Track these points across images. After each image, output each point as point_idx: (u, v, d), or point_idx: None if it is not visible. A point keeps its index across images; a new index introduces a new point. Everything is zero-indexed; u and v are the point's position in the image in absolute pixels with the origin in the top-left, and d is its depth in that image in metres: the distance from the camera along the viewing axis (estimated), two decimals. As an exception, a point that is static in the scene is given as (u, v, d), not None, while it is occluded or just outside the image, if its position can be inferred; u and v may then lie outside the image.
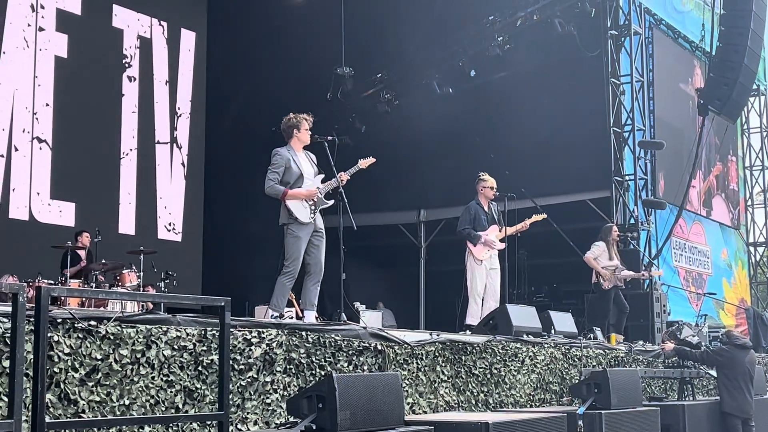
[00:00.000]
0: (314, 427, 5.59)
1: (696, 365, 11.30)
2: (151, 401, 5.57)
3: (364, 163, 8.75)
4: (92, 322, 5.33)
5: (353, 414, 5.60)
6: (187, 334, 5.85)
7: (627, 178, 16.72)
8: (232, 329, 5.95)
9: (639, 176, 16.89)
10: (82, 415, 5.17)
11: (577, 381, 9.44)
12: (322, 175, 8.60)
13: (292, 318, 10.94)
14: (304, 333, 6.73)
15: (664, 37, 19.27)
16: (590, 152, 16.82)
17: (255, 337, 6.30)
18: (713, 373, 11.26)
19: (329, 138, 8.67)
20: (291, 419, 6.03)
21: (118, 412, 5.36)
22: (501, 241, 11.00)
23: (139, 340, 5.56)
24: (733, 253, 22.25)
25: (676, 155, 18.26)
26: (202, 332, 5.94)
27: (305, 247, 8.34)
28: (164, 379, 5.66)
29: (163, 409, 5.62)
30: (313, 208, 8.40)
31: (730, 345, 10.87)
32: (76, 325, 5.24)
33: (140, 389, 5.51)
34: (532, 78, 17.48)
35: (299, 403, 5.67)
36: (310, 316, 8.32)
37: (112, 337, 5.40)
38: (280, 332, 6.52)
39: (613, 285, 13.15)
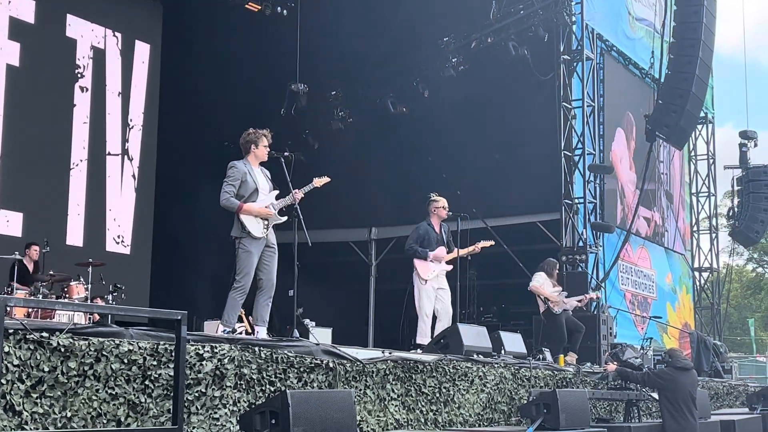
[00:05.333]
0: (266, 443, 5.58)
1: (638, 387, 11.38)
2: (93, 413, 5.50)
3: (318, 182, 8.80)
4: (44, 334, 5.28)
5: (306, 431, 5.60)
6: (139, 348, 5.80)
7: (576, 201, 16.92)
8: (184, 343, 5.91)
9: (588, 199, 17.10)
10: (25, 426, 5.10)
11: (525, 401, 9.51)
12: (277, 191, 8.61)
13: (242, 333, 10.88)
14: (256, 349, 6.69)
15: (615, 63, 19.58)
16: (541, 175, 16.99)
17: (207, 351, 6.26)
18: (655, 395, 11.30)
19: (285, 154, 8.71)
20: (242, 435, 6.01)
21: (59, 425, 5.29)
22: (449, 263, 10.97)
23: (90, 353, 5.50)
24: (677, 277, 22.60)
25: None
26: (155, 346, 5.90)
27: (257, 262, 8.33)
28: (109, 392, 5.60)
29: (105, 421, 5.55)
30: (266, 223, 8.40)
31: (671, 367, 10.91)
32: (27, 336, 5.18)
33: (83, 401, 5.45)
34: (485, 99, 17.65)
35: (252, 418, 5.66)
36: (262, 332, 8.30)
37: (63, 349, 5.34)
38: (232, 347, 6.49)
39: (562, 308, 13.20)
